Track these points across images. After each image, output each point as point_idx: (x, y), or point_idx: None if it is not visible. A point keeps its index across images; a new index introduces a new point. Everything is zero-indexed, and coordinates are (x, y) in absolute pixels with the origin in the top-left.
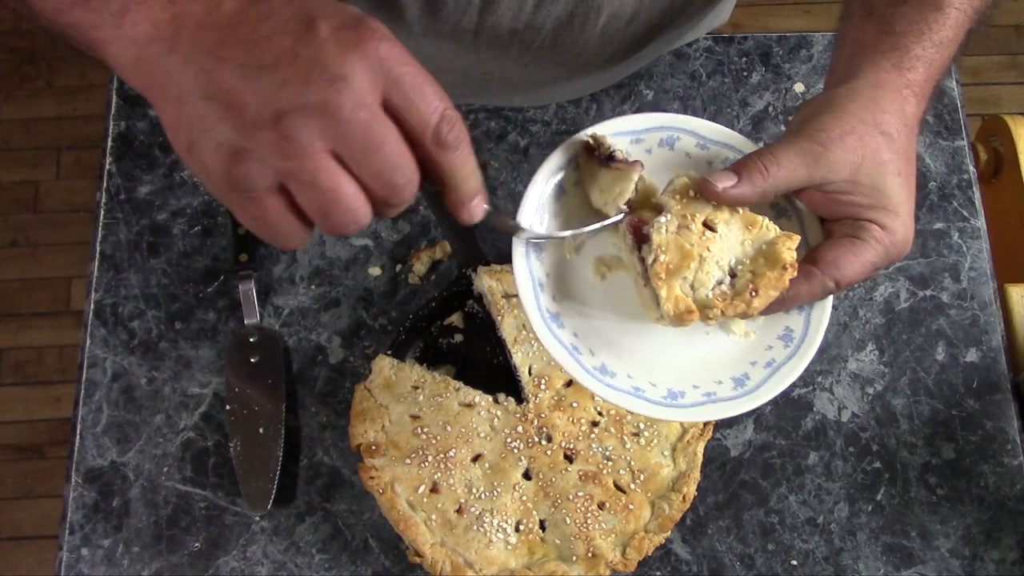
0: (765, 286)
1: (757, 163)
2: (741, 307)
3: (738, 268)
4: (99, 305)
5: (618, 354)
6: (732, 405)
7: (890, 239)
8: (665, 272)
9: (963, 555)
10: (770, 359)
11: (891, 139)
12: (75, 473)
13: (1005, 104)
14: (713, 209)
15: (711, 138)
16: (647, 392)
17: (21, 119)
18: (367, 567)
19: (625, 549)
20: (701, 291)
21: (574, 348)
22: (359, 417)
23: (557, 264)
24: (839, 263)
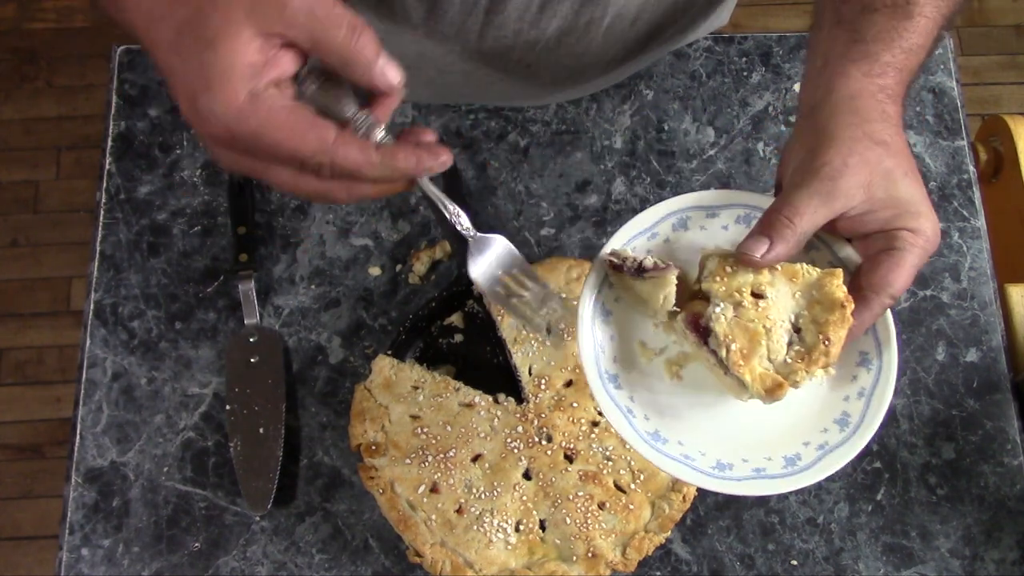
0: (834, 330)
1: (781, 218)
2: (822, 360)
3: (800, 322)
4: (99, 305)
5: (725, 443)
6: (846, 449)
7: (923, 239)
8: (742, 358)
9: (963, 555)
10: (860, 388)
11: (887, 146)
12: (75, 473)
13: (1005, 104)
14: (754, 276)
15: (717, 204)
16: (768, 469)
17: (21, 119)
18: (367, 567)
19: (625, 549)
20: (778, 359)
21: (685, 457)
22: (359, 417)
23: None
24: (888, 279)
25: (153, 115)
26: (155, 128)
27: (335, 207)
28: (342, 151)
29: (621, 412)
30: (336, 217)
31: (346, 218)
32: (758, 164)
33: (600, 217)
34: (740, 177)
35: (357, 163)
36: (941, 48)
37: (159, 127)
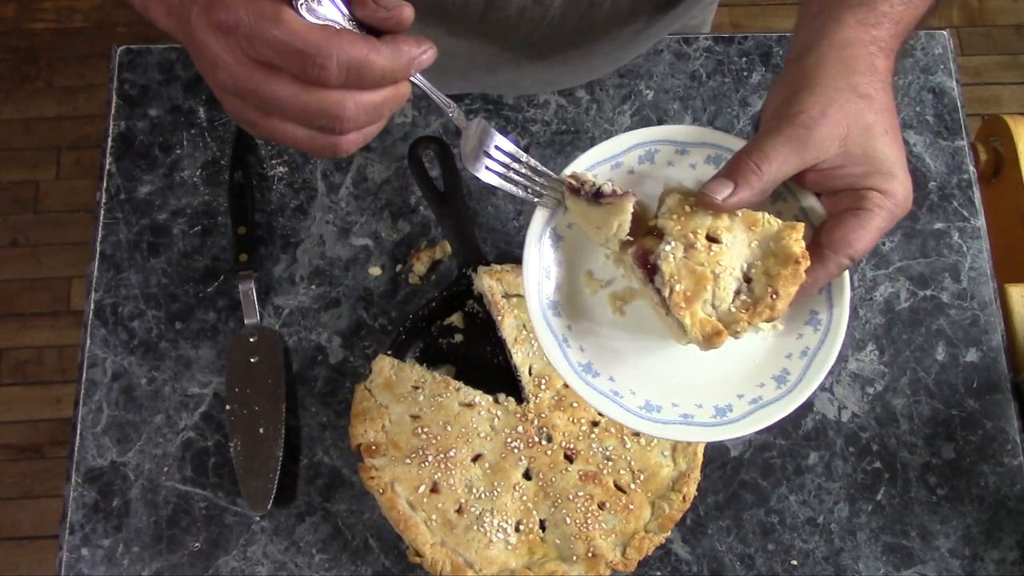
0: (784, 285)
1: (749, 163)
2: (766, 313)
3: (751, 272)
4: (99, 305)
5: (658, 384)
6: (780, 406)
7: (892, 201)
8: (684, 300)
9: (963, 555)
10: (804, 348)
11: (871, 100)
12: (75, 473)
13: (1005, 104)
14: (712, 219)
15: (688, 140)
16: (696, 416)
17: (21, 119)
18: (367, 567)
19: (625, 549)
20: (723, 307)
21: (614, 393)
22: (359, 417)
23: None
24: (848, 239)
25: (153, 115)
26: (155, 128)
27: (335, 207)
28: (347, 42)
29: (556, 340)
30: (336, 217)
31: (346, 218)
32: None
33: None
34: None
35: (363, 52)
36: (941, 48)
37: (159, 127)
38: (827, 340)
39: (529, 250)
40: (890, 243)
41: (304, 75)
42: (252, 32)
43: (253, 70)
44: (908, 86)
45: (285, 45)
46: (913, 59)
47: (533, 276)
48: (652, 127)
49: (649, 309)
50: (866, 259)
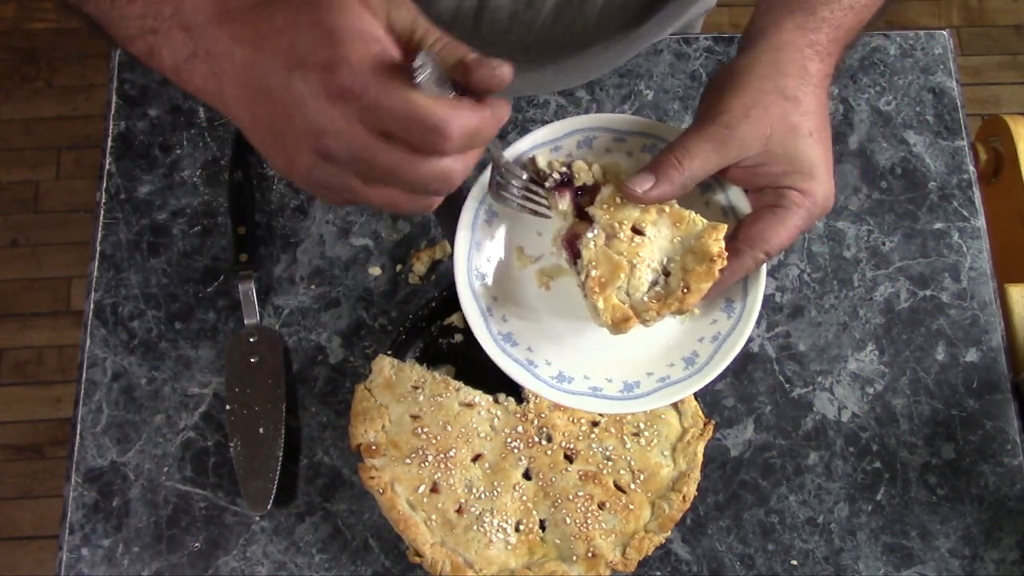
0: (696, 281)
1: (671, 159)
2: (675, 305)
3: (670, 266)
4: (99, 305)
5: (573, 357)
6: (685, 386)
7: (810, 201)
8: (599, 286)
9: (963, 555)
10: (715, 332)
11: (797, 102)
12: (75, 473)
13: (1005, 104)
14: (641, 212)
15: (625, 130)
16: (605, 389)
17: (21, 119)
18: (367, 567)
19: (625, 549)
20: (636, 295)
21: (529, 363)
22: (359, 417)
23: (502, 286)
24: (765, 235)
25: (153, 115)
26: (155, 128)
27: (335, 207)
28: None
29: (479, 309)
30: (336, 217)
31: (346, 218)
32: None
33: None
34: None
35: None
36: (941, 48)
37: (159, 127)
38: (738, 327)
39: (462, 222)
40: (890, 243)
41: (423, 146)
42: (378, 102)
43: (370, 138)
44: (908, 86)
45: (412, 117)
46: (913, 59)
47: (463, 248)
48: (592, 114)
49: (574, 286)
50: (866, 259)
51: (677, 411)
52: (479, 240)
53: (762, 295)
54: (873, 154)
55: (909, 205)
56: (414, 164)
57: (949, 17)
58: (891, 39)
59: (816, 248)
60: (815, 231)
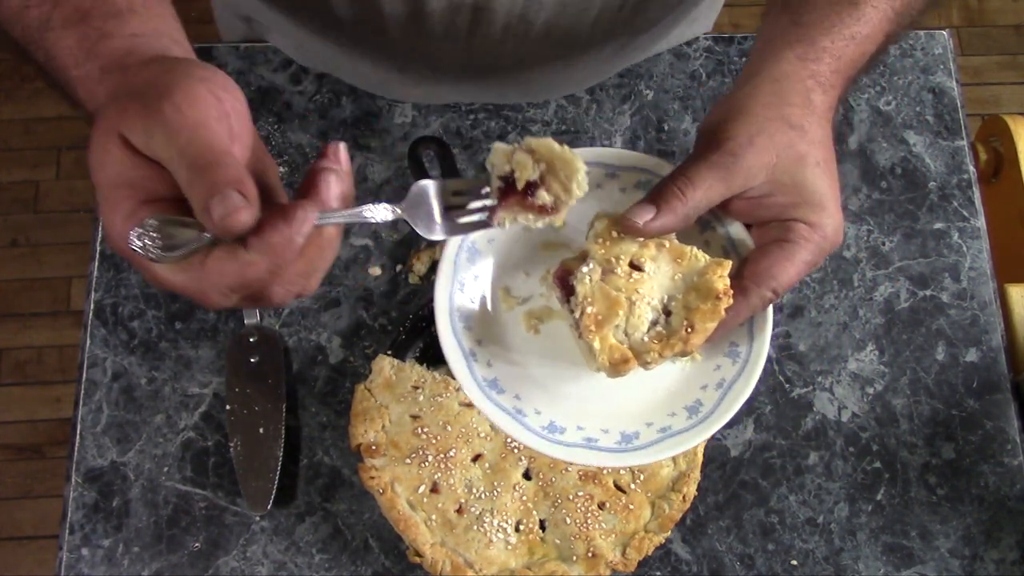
0: (701, 320)
1: (673, 189)
2: (679, 347)
3: (671, 305)
4: (99, 305)
5: (565, 407)
6: (688, 436)
7: (820, 235)
8: (595, 324)
9: (963, 555)
10: (720, 379)
11: (803, 131)
12: (75, 473)
13: (1005, 104)
14: (639, 247)
15: (618, 164)
16: (601, 441)
17: (21, 119)
18: (367, 567)
19: (625, 549)
20: (636, 335)
21: (518, 412)
22: (359, 417)
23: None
24: (773, 271)
25: None
26: None
27: None
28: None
29: (462, 352)
30: None
31: None
32: None
33: None
34: None
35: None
36: (941, 48)
37: None
38: (744, 373)
39: (444, 260)
40: (890, 243)
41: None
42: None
43: None
44: (908, 86)
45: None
46: (913, 59)
47: (444, 288)
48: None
49: (565, 330)
50: (866, 259)
51: None
52: (462, 280)
53: (769, 337)
54: (873, 154)
55: (909, 205)
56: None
57: (949, 17)
58: None
59: None
60: None
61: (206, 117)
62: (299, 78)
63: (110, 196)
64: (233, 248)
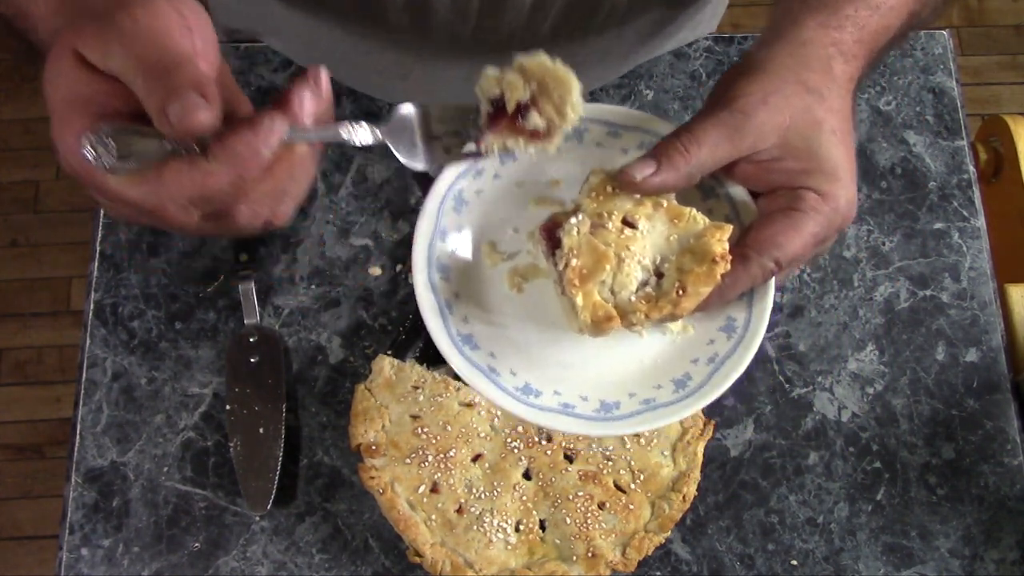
0: (694, 283)
1: (676, 145)
2: (668, 309)
3: (664, 267)
4: (99, 305)
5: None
6: (673, 410)
7: (831, 206)
8: (579, 278)
9: (963, 555)
10: (712, 354)
11: (820, 97)
12: (75, 473)
13: (1005, 104)
14: (634, 204)
15: (621, 123)
16: (578, 408)
17: (21, 119)
18: (367, 567)
19: (625, 549)
20: (623, 294)
21: (491, 370)
22: (359, 417)
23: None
24: (777, 240)
25: None
26: None
27: (335, 207)
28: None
29: (437, 304)
30: (336, 217)
31: (346, 218)
32: None
33: None
34: None
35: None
36: (941, 48)
37: None
38: (739, 349)
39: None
40: (890, 243)
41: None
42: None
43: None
44: (908, 86)
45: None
46: (913, 59)
47: (424, 235)
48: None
49: (549, 291)
50: (866, 259)
51: None
52: (444, 229)
53: (768, 313)
54: (873, 154)
55: (909, 205)
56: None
57: (949, 17)
58: None
59: None
60: None
61: (167, 27)
62: None
63: (63, 113)
64: (193, 157)
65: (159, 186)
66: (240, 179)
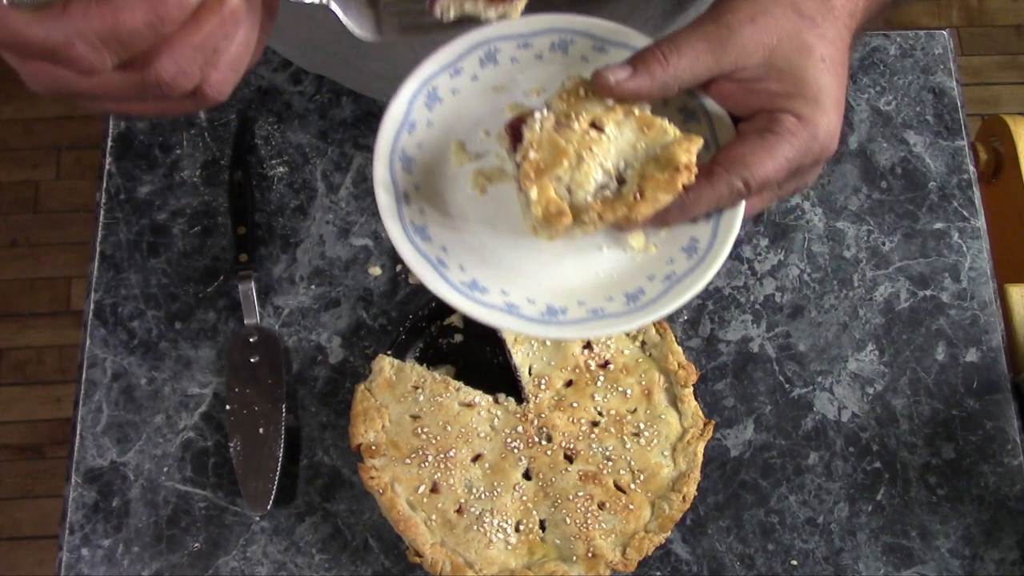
0: (653, 188)
1: (656, 52)
2: (622, 211)
3: (627, 174)
4: (99, 305)
5: (494, 271)
6: (620, 321)
7: (808, 132)
8: (535, 171)
9: (963, 555)
10: (670, 272)
11: (813, 23)
12: (75, 473)
13: (1005, 104)
14: (605, 110)
15: (609, 39)
16: (524, 309)
17: (21, 119)
18: (367, 567)
19: (625, 549)
20: (579, 194)
21: (440, 262)
22: (359, 417)
23: (428, 177)
24: (746, 159)
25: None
26: (155, 128)
27: (335, 207)
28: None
29: (395, 191)
30: (336, 217)
31: (346, 218)
32: None
33: None
34: None
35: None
36: (941, 48)
37: (159, 127)
38: (696, 271)
39: (398, 98)
40: (890, 243)
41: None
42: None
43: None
44: (908, 86)
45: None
46: (913, 59)
47: (392, 122)
48: (572, 15)
49: (511, 197)
50: (866, 259)
51: (677, 411)
52: (413, 121)
53: (733, 240)
54: (873, 154)
55: (909, 205)
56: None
57: (949, 17)
58: (891, 39)
59: (816, 248)
60: (814, 231)
61: None
62: (299, 78)
63: None
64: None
65: (65, 19)
66: (158, 19)
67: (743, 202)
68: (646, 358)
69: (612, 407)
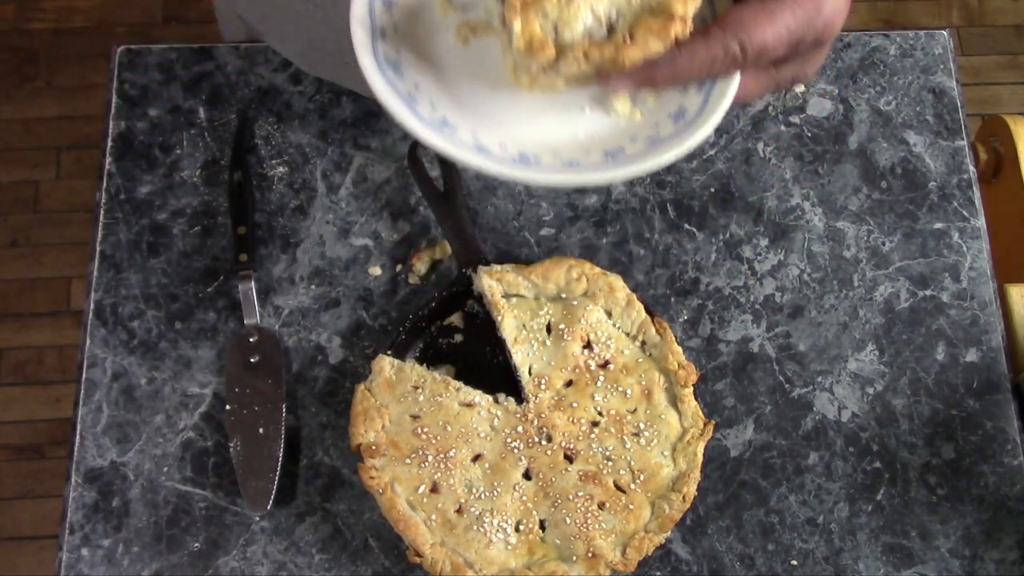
0: (644, 33)
1: None
2: (610, 52)
3: (618, 23)
4: (99, 305)
5: (468, 115)
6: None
7: (812, 3)
8: (521, 4)
9: (963, 555)
10: (653, 135)
11: None
12: (75, 473)
13: (1005, 104)
14: None
15: None
16: (494, 152)
17: (21, 119)
18: (367, 567)
19: (625, 549)
20: (566, 34)
21: (410, 97)
22: (359, 417)
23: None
24: (745, 22)
25: (153, 115)
26: (155, 128)
27: (335, 207)
28: None
29: (370, 25)
30: (336, 217)
31: (346, 218)
32: (758, 164)
33: (600, 217)
34: (740, 177)
35: None
36: (941, 48)
37: (159, 127)
38: (684, 134)
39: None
40: (890, 243)
41: None
42: None
43: None
44: (908, 86)
45: None
46: (913, 59)
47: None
48: None
49: (494, 52)
50: (866, 259)
51: (677, 411)
52: None
53: (724, 111)
54: (873, 154)
55: (909, 205)
56: None
57: (949, 17)
58: (891, 39)
59: (816, 248)
60: (814, 231)
61: None
62: (299, 78)
63: None
64: None
65: None
66: None
67: (737, 75)
68: (646, 358)
69: (612, 407)
